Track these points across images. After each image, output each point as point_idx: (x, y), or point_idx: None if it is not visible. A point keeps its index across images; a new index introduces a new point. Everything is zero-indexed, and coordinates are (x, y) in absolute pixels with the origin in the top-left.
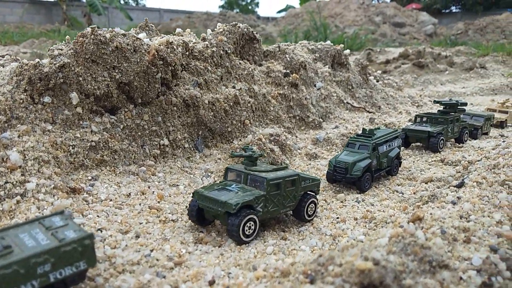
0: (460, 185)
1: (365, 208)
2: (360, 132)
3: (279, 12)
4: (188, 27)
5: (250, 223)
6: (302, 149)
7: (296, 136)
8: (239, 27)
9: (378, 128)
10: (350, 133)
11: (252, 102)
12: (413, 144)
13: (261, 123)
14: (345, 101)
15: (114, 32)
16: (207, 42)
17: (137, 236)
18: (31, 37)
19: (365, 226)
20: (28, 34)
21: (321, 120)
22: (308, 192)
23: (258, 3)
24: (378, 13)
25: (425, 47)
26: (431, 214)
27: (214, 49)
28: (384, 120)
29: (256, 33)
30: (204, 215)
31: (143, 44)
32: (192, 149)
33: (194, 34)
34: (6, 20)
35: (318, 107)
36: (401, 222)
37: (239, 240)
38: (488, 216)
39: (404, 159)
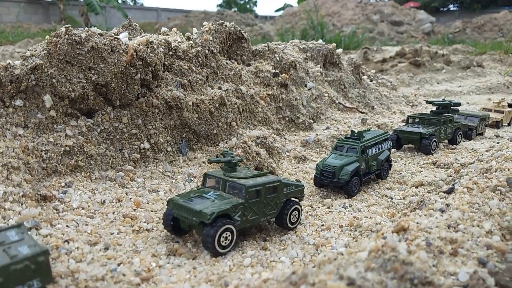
0: (450, 191)
1: (352, 214)
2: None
3: (277, 10)
4: (185, 26)
5: (226, 234)
6: (290, 152)
7: (285, 138)
8: (226, 26)
9: (368, 130)
10: (340, 134)
11: (239, 103)
12: (405, 145)
13: (248, 125)
14: (337, 102)
15: (90, 31)
16: (191, 42)
17: (106, 248)
18: (27, 37)
19: (350, 234)
20: (24, 34)
21: (312, 121)
22: (292, 198)
23: (256, 2)
24: (376, 12)
25: (422, 45)
26: (417, 223)
27: (199, 48)
28: (377, 121)
29: (245, 32)
30: (180, 224)
31: (121, 44)
32: (175, 152)
33: (180, 34)
34: (3, 20)
35: (308, 108)
36: (385, 232)
37: (215, 252)
38: (478, 226)
39: (395, 162)
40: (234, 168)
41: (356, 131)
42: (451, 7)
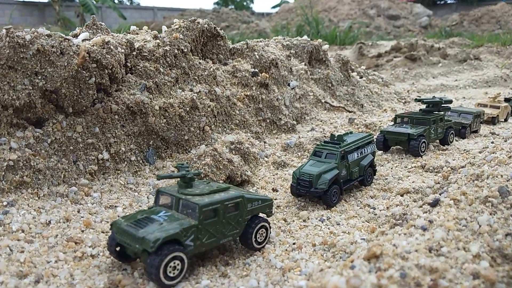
0: (435, 204)
1: (329, 228)
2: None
3: (273, 7)
4: None
5: (174, 263)
6: (269, 157)
7: (265, 142)
8: (198, 23)
9: (351, 133)
10: (324, 136)
11: (214, 105)
12: (393, 147)
13: (225, 129)
14: (323, 101)
15: (36, 33)
16: (158, 41)
17: (37, 281)
18: None
19: (322, 255)
20: None
21: (295, 123)
22: (258, 215)
23: None
24: (372, 6)
25: (417, 39)
26: (394, 245)
27: (167, 48)
28: (365, 120)
29: (221, 29)
30: (126, 250)
31: (72, 46)
32: (141, 161)
33: (152, 32)
34: None
35: (292, 108)
36: (355, 259)
37: (161, 285)
38: (464, 249)
39: (382, 165)
40: (190, 183)
41: (336, 135)
42: (448, 0)
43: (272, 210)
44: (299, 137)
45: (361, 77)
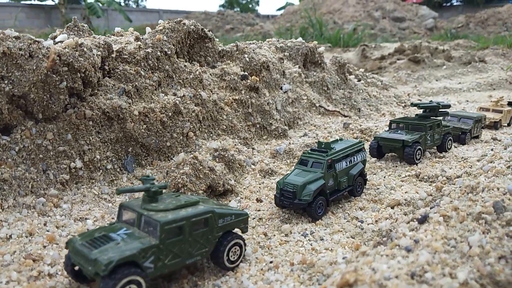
0: (423, 220)
1: (311, 244)
2: (335, 139)
3: (278, 9)
4: None
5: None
6: (257, 164)
7: (253, 148)
8: (184, 24)
9: (341, 139)
10: (315, 142)
11: (199, 110)
12: (388, 154)
13: (211, 135)
14: (317, 105)
15: (2, 34)
16: (140, 43)
17: None
18: None
19: (299, 277)
20: None
21: (287, 128)
22: (232, 231)
23: (258, 1)
24: (378, 8)
25: (421, 41)
26: (373, 270)
27: (149, 50)
28: (360, 125)
29: (209, 31)
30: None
31: (42, 48)
32: (118, 170)
33: (135, 34)
34: (6, 25)
35: (284, 113)
36: (327, 286)
37: None
38: (450, 275)
39: (374, 174)
40: (154, 197)
41: (324, 143)
42: (454, 2)
43: (248, 225)
44: (290, 143)
45: (359, 80)
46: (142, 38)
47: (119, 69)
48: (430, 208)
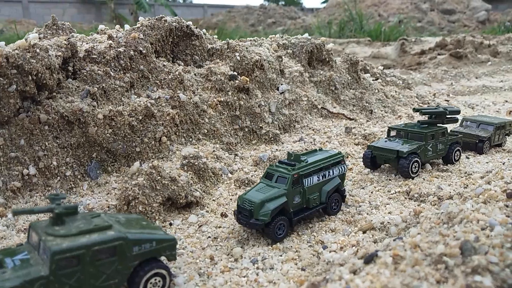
0: (369, 260)
1: (257, 274)
2: (313, 149)
3: (323, 2)
4: (228, 22)
5: None
6: (235, 173)
7: (236, 155)
8: (165, 21)
9: (320, 150)
10: (307, 149)
11: (175, 113)
12: (386, 165)
13: (190, 139)
14: (319, 106)
15: None
16: (111, 42)
17: None
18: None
19: None
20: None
21: (279, 132)
22: (155, 258)
23: None
24: (426, 0)
25: (465, 35)
26: None
27: (122, 49)
28: (364, 130)
29: (196, 28)
30: None
31: None
32: (79, 176)
33: (108, 33)
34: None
35: (278, 116)
36: None
37: None
38: None
39: (362, 188)
40: (60, 220)
41: (293, 154)
42: None
43: (175, 252)
44: (277, 149)
45: (376, 79)
46: (116, 37)
47: (86, 69)
48: (394, 240)
